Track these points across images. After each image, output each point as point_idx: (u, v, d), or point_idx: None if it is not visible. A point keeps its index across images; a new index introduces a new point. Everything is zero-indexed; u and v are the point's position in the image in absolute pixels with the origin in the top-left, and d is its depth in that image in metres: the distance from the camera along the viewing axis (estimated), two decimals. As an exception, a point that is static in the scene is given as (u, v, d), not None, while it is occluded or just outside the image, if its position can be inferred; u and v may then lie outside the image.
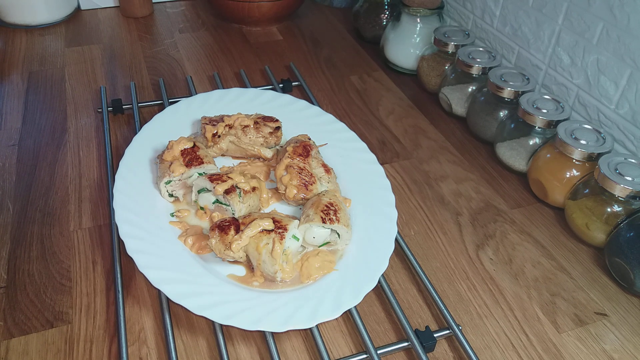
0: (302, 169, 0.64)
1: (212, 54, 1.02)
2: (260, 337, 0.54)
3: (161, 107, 0.83)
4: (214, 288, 0.54)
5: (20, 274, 0.59)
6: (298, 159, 0.65)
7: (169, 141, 0.65)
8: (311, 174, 0.64)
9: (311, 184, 0.63)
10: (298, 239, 0.58)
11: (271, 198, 0.66)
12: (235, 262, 0.58)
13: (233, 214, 0.61)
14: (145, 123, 0.72)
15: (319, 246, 0.59)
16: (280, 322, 0.50)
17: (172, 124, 0.74)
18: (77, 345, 0.53)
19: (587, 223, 0.64)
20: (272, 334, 0.52)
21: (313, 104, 0.83)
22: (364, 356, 0.52)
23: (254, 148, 0.70)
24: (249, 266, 0.57)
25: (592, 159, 0.65)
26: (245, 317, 0.51)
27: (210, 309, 0.50)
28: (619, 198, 0.61)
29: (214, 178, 0.61)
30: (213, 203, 0.62)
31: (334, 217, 0.58)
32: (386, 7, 1.03)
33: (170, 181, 0.63)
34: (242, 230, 0.55)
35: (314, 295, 0.54)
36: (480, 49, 0.84)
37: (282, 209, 0.65)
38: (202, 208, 0.63)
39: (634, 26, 0.66)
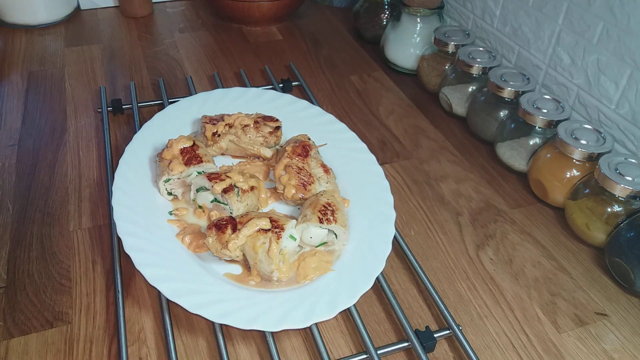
0: (300, 169, 0.64)
1: (212, 54, 1.01)
2: (260, 337, 0.54)
3: (161, 107, 0.83)
4: (210, 287, 0.54)
5: (20, 274, 0.59)
6: (297, 158, 0.65)
7: (169, 140, 0.65)
8: (310, 174, 0.64)
9: (310, 184, 0.63)
10: (295, 239, 0.58)
11: (270, 197, 0.66)
12: (232, 261, 0.58)
13: (231, 213, 0.61)
14: (145, 123, 0.72)
15: (316, 246, 0.59)
16: (275, 322, 0.50)
17: (173, 122, 0.74)
18: (77, 345, 0.53)
19: (587, 223, 0.64)
20: (272, 333, 0.52)
21: (313, 104, 0.83)
22: (364, 356, 0.52)
23: (253, 147, 0.70)
24: (246, 265, 0.57)
25: (593, 159, 0.65)
26: (240, 316, 0.51)
27: (205, 308, 0.50)
28: (619, 198, 0.61)
29: (213, 177, 0.61)
30: (211, 202, 0.62)
31: (332, 218, 0.58)
32: (386, 7, 1.03)
33: (169, 179, 0.63)
34: (239, 230, 0.55)
35: (310, 295, 0.54)
36: (481, 48, 0.84)
37: (281, 208, 0.65)
38: (200, 207, 0.63)
39: (634, 26, 0.66)
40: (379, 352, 0.52)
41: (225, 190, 0.60)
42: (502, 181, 0.76)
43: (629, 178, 0.60)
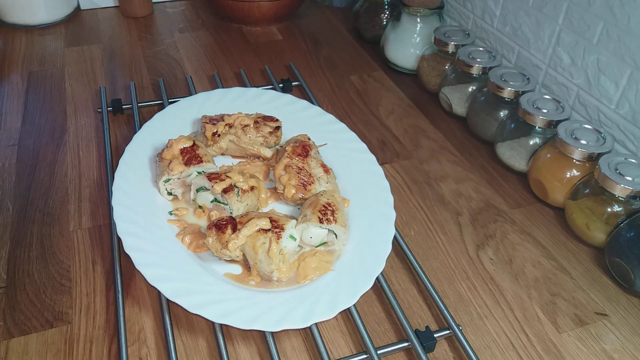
0: (300, 169, 0.64)
1: (212, 54, 1.01)
2: (260, 337, 0.54)
3: (161, 107, 0.83)
4: (210, 287, 0.54)
5: (20, 274, 0.59)
6: (297, 158, 0.65)
7: (169, 140, 0.65)
8: (310, 174, 0.64)
9: (310, 184, 0.63)
10: (295, 239, 0.58)
11: (270, 197, 0.66)
12: (232, 261, 0.58)
13: (231, 213, 0.61)
14: (145, 122, 0.72)
15: (316, 246, 0.59)
16: (275, 322, 0.50)
17: (173, 122, 0.74)
18: (76, 345, 0.53)
19: (587, 223, 0.64)
20: (272, 333, 0.52)
21: (313, 104, 0.83)
22: (364, 356, 0.52)
23: (253, 147, 0.70)
24: (246, 265, 0.57)
25: (593, 159, 0.65)
26: (240, 316, 0.51)
27: (205, 308, 0.50)
28: (619, 198, 0.61)
29: (213, 177, 0.61)
30: (211, 202, 0.62)
31: (332, 218, 0.58)
32: (386, 7, 1.03)
33: (169, 179, 0.63)
34: (239, 230, 0.55)
35: (309, 295, 0.54)
36: (481, 48, 0.84)
37: (281, 208, 0.65)
38: (200, 207, 0.63)
39: (634, 26, 0.66)
40: (379, 352, 0.52)
41: (225, 190, 0.60)
42: (502, 181, 0.76)
43: (629, 178, 0.60)
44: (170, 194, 0.64)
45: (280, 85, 0.90)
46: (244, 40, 1.07)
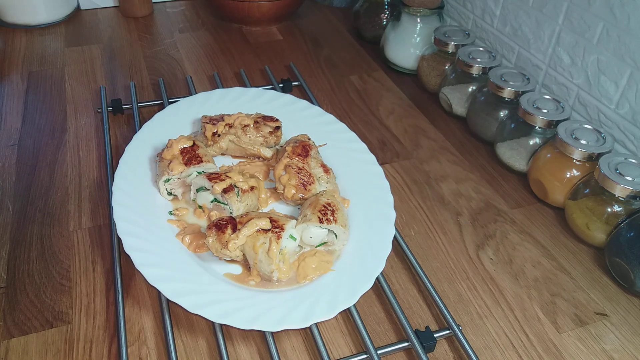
0: (300, 169, 0.64)
1: (212, 54, 1.02)
2: (260, 337, 0.54)
3: (161, 107, 0.83)
4: (210, 287, 0.54)
5: (20, 274, 0.59)
6: (297, 158, 0.65)
7: (169, 140, 0.65)
8: (310, 174, 0.64)
9: (310, 184, 0.63)
10: (295, 239, 0.58)
11: (270, 198, 0.66)
12: (232, 261, 0.58)
13: (231, 213, 0.61)
14: (145, 122, 0.72)
15: (316, 246, 0.59)
16: (275, 322, 0.50)
17: (173, 122, 0.74)
18: (76, 345, 0.53)
19: (587, 223, 0.64)
20: (272, 333, 0.52)
21: (313, 104, 0.83)
22: (364, 356, 0.52)
23: (253, 147, 0.70)
24: (246, 265, 0.57)
25: (593, 159, 0.65)
26: (240, 316, 0.51)
27: (205, 308, 0.50)
28: (619, 198, 0.61)
29: (213, 177, 0.61)
30: (211, 202, 0.62)
31: (332, 218, 0.58)
32: (386, 6, 1.03)
33: (169, 179, 0.63)
34: (239, 230, 0.55)
35: (309, 295, 0.54)
36: (481, 48, 0.84)
37: (281, 208, 0.65)
38: (200, 207, 0.63)
39: (634, 26, 0.66)
40: (379, 352, 0.52)
41: (225, 190, 0.60)
42: (502, 181, 0.76)
43: (629, 178, 0.60)
44: (170, 194, 0.64)
45: (280, 85, 0.90)
46: (244, 40, 1.07)
